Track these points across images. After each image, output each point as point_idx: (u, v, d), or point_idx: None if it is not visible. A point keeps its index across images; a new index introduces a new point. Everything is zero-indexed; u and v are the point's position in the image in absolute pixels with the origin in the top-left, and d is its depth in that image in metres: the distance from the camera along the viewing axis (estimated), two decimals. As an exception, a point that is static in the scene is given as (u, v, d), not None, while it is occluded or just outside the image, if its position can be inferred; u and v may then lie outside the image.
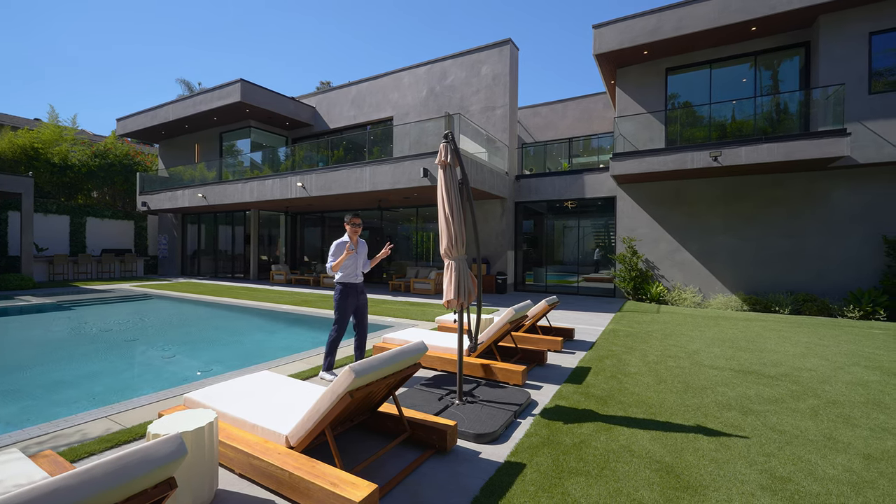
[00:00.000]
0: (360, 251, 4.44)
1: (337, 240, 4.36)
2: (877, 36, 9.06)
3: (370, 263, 4.55)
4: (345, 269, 4.31)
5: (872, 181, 9.24)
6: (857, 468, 2.69)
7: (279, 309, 9.47)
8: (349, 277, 4.35)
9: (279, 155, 17.51)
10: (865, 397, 4.00)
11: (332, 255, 4.27)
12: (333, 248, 4.29)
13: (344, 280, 4.34)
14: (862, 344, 6.30)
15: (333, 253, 4.28)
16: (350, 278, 4.36)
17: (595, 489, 2.42)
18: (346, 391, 2.22)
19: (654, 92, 11.72)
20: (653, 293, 10.83)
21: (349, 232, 4.40)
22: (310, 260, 18.65)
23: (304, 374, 4.47)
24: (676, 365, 5.01)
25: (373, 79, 16.00)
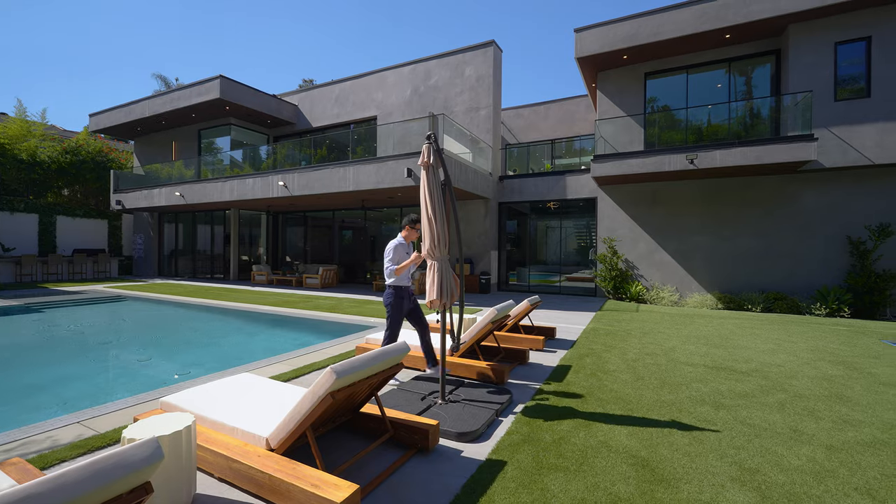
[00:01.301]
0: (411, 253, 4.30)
1: (393, 242, 4.19)
2: (842, 46, 9.49)
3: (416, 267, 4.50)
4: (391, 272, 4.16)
5: (837, 184, 9.66)
6: (820, 458, 2.83)
7: (260, 310, 9.33)
8: (403, 281, 4.19)
9: (260, 153, 17.22)
10: (829, 391, 4.19)
11: (392, 259, 4.10)
12: (392, 251, 4.12)
13: (398, 283, 4.16)
14: (827, 340, 6.59)
15: (393, 258, 4.11)
16: (404, 281, 4.20)
17: (573, 484, 2.48)
18: (328, 392, 2.22)
19: (633, 95, 11.98)
20: (632, 292, 11.07)
21: (407, 234, 4.26)
22: (292, 260, 18.39)
23: (286, 376, 4.42)
24: (654, 362, 5.15)
25: (356, 77, 15.88)
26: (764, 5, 9.60)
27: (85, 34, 77.41)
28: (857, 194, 9.51)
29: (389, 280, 4.15)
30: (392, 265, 4.10)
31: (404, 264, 4.07)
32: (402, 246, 4.20)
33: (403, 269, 4.08)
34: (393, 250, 4.11)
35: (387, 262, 4.13)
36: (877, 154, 9.04)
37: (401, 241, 4.22)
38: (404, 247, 4.21)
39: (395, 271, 4.07)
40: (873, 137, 9.06)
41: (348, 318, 8.14)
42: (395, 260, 4.12)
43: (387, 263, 4.13)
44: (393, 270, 4.09)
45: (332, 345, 5.90)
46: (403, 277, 4.19)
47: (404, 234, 4.27)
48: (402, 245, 4.19)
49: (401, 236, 4.26)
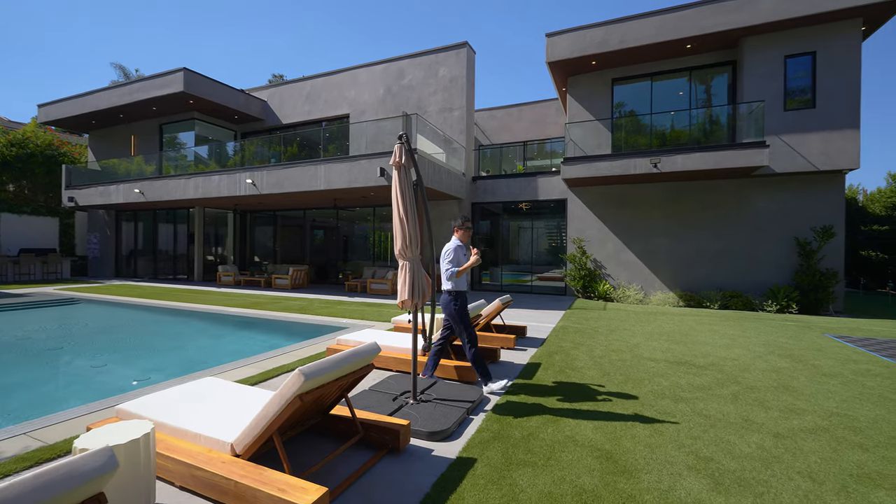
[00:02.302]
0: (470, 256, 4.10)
1: (449, 244, 4.07)
2: (790, 59, 10.13)
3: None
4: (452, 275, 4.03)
5: (786, 188, 10.32)
6: (768, 445, 3.02)
7: (227, 312, 9.02)
8: (461, 285, 4.07)
9: (227, 150, 16.63)
10: (777, 382, 4.48)
11: (452, 261, 3.98)
12: (451, 254, 3.98)
13: (459, 288, 4.05)
14: (777, 335, 7.03)
15: (453, 259, 3.98)
16: (463, 286, 4.08)
17: (541, 478, 2.55)
18: (296, 394, 2.19)
19: (601, 100, 12.36)
20: (600, 291, 11.43)
21: (461, 236, 4.12)
22: (261, 260, 17.88)
23: (254, 380, 4.31)
24: (619, 358, 5.34)
25: (328, 74, 15.62)
26: (717, 19, 10.13)
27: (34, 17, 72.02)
28: (804, 198, 10.18)
29: (448, 285, 4.03)
30: (453, 267, 3.96)
31: (465, 266, 3.96)
32: (461, 248, 4.08)
33: (465, 270, 3.98)
34: (452, 252, 4.00)
35: (445, 265, 3.99)
36: (821, 161, 9.72)
37: (458, 244, 4.10)
38: (462, 248, 4.09)
39: (457, 273, 3.96)
40: (818, 146, 9.73)
41: (319, 320, 8.00)
42: (455, 262, 3.98)
43: (445, 266, 3.98)
44: (454, 273, 3.96)
45: (302, 347, 5.78)
46: (463, 282, 4.09)
47: (458, 236, 4.15)
48: (460, 247, 4.07)
49: (455, 238, 4.15)
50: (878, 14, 9.42)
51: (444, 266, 4.00)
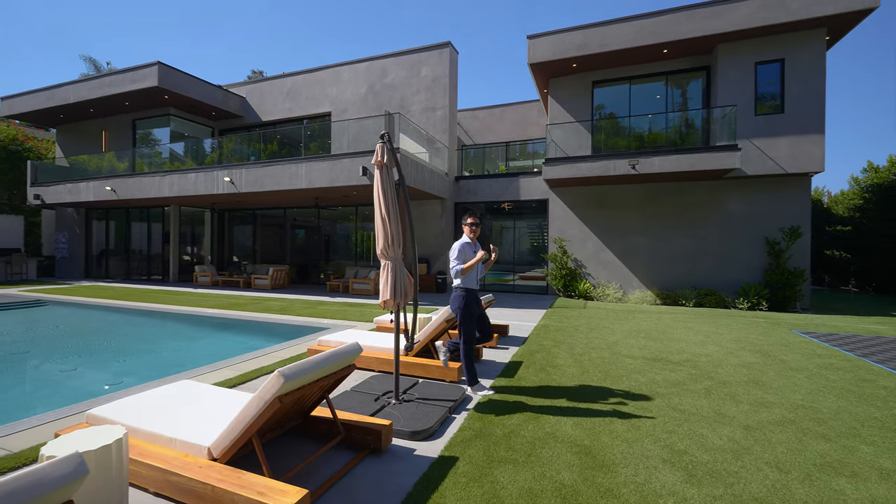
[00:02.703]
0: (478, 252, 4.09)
1: (457, 242, 4.06)
2: (761, 66, 10.52)
3: (484, 269, 4.36)
4: (468, 273, 4.03)
5: (757, 190, 10.71)
6: (739, 438, 3.14)
7: (203, 313, 8.80)
8: (471, 283, 4.06)
9: (204, 147, 16.20)
10: (748, 377, 4.65)
11: (457, 258, 3.99)
12: (457, 251, 4.00)
13: (466, 286, 4.03)
14: (748, 331, 7.30)
15: (458, 257, 3.99)
16: (472, 284, 4.07)
17: (522, 475, 2.58)
18: (275, 396, 2.16)
19: (582, 102, 12.56)
20: (580, 290, 11.63)
21: (468, 233, 4.11)
22: (240, 260, 17.50)
23: (232, 382, 4.22)
24: (598, 356, 5.45)
25: (309, 71, 15.40)
26: (693, 25, 10.44)
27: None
28: (773, 200, 10.59)
29: (457, 281, 4.04)
30: (458, 264, 3.98)
31: (470, 263, 3.95)
32: (469, 245, 4.07)
33: (470, 268, 3.96)
34: (458, 249, 4.00)
35: (452, 263, 4.02)
36: (790, 164, 10.12)
37: (467, 241, 4.09)
38: (471, 246, 4.08)
39: (462, 271, 3.96)
40: (786, 149, 10.13)
41: (300, 320, 7.89)
42: (462, 259, 3.99)
43: (452, 263, 4.02)
44: (459, 270, 3.97)
45: (283, 348, 5.70)
46: (471, 279, 4.07)
47: (466, 233, 4.15)
48: (468, 244, 4.07)
49: (465, 236, 4.14)
50: (841, 24, 9.87)
51: (451, 264, 4.03)
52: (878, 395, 4.13)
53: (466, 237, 4.12)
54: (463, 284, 4.04)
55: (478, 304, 4.15)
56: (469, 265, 3.95)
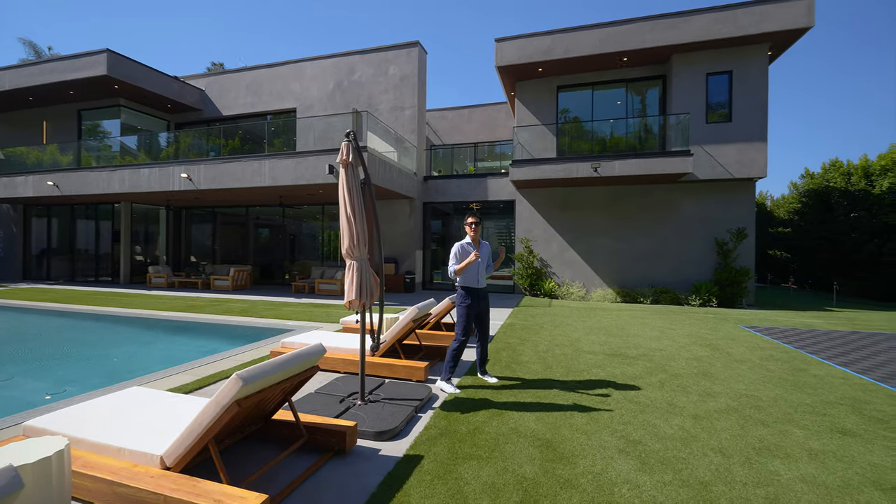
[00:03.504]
0: (482, 253, 4.20)
1: (458, 242, 4.22)
2: (711, 77, 11.18)
3: (493, 267, 4.38)
4: (465, 272, 4.14)
5: (708, 193, 11.38)
6: (688, 426, 3.34)
7: (158, 316, 8.36)
8: (470, 281, 4.17)
9: (159, 140, 15.38)
10: (698, 369, 4.95)
11: (454, 257, 4.16)
12: (456, 250, 4.18)
13: (466, 284, 4.17)
14: (699, 326, 7.75)
15: (456, 255, 4.16)
16: (471, 282, 4.18)
17: (485, 470, 2.64)
18: (233, 400, 2.10)
19: (547, 106, 12.89)
20: (546, 289, 11.93)
21: (469, 233, 4.22)
22: (198, 260, 16.73)
23: (188, 387, 4.05)
24: (561, 353, 5.63)
25: (273, 66, 14.93)
26: (653, 35, 10.96)
27: (-86, -20, 60.28)
28: (722, 203, 11.28)
29: (457, 281, 4.22)
30: (454, 264, 4.17)
31: (463, 264, 4.08)
32: (469, 245, 4.23)
33: (463, 269, 4.09)
34: (453, 250, 4.21)
35: (450, 262, 4.20)
36: (736, 170, 10.82)
37: (467, 241, 4.25)
38: (470, 246, 4.24)
39: (456, 271, 4.13)
40: (734, 156, 10.83)
41: (263, 322, 7.66)
42: (459, 260, 4.17)
43: (450, 263, 4.21)
44: (454, 271, 4.15)
45: (244, 351, 5.51)
46: (471, 278, 4.18)
47: (470, 235, 4.27)
48: (468, 244, 4.23)
49: (467, 237, 4.29)
50: (781, 40, 10.65)
51: (449, 262, 4.24)
52: (809, 382, 4.51)
53: (468, 237, 4.29)
54: (462, 283, 4.20)
55: (479, 302, 4.25)
56: (462, 266, 4.09)
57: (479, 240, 4.29)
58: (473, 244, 4.25)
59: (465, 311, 4.17)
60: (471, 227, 4.24)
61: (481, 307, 4.28)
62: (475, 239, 4.26)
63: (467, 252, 4.21)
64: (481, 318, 4.33)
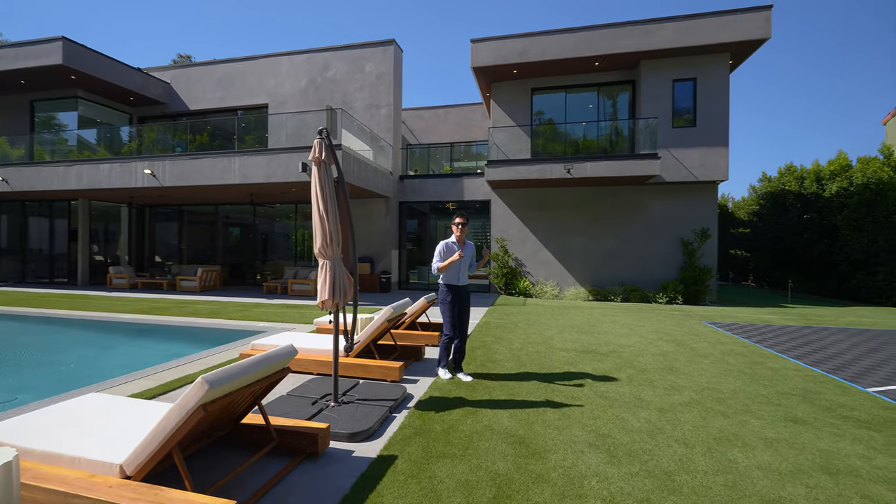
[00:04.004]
0: (466, 253, 4.38)
1: (443, 240, 4.41)
2: (678, 83, 11.64)
3: (476, 266, 4.57)
4: (448, 270, 4.35)
5: (674, 195, 11.83)
6: (654, 419, 3.47)
7: (119, 319, 7.97)
8: (452, 279, 4.39)
9: (121, 135, 14.66)
10: (664, 364, 5.14)
11: (438, 255, 4.35)
12: (441, 248, 4.37)
13: (448, 282, 4.39)
14: (665, 323, 8.05)
15: (440, 253, 4.36)
16: (453, 280, 4.39)
17: (459, 468, 2.66)
18: (198, 405, 2.03)
19: (522, 107, 13.07)
20: (521, 288, 12.11)
21: (455, 232, 4.42)
22: (163, 260, 16.05)
23: (151, 393, 3.88)
24: (535, 350, 5.73)
25: (245, 60, 14.50)
26: (623, 42, 11.31)
27: None
28: (687, 205, 11.76)
29: (440, 278, 4.42)
30: (438, 261, 4.35)
31: (446, 262, 4.28)
32: (454, 245, 4.41)
33: (446, 267, 4.29)
34: (440, 249, 4.39)
35: (434, 260, 4.39)
36: (700, 173, 11.30)
37: (452, 240, 4.43)
38: (455, 245, 4.41)
39: (439, 268, 4.31)
40: (698, 159, 11.30)
41: (233, 324, 7.43)
42: (443, 258, 4.36)
43: (434, 261, 4.38)
44: (437, 268, 4.33)
45: (212, 354, 5.33)
46: (453, 276, 4.40)
47: (456, 235, 4.45)
48: (451, 244, 4.41)
49: (452, 236, 4.48)
50: (741, 50, 11.20)
51: (433, 260, 4.41)
52: (766, 375, 4.77)
53: (453, 236, 4.47)
54: (444, 280, 4.42)
55: (460, 300, 4.43)
56: (445, 264, 4.28)
57: (464, 239, 4.47)
58: (458, 243, 4.42)
59: (449, 308, 4.37)
60: (457, 227, 4.41)
61: (462, 304, 4.45)
62: (460, 238, 4.44)
63: (452, 251, 4.39)
64: (461, 315, 4.45)
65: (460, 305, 4.43)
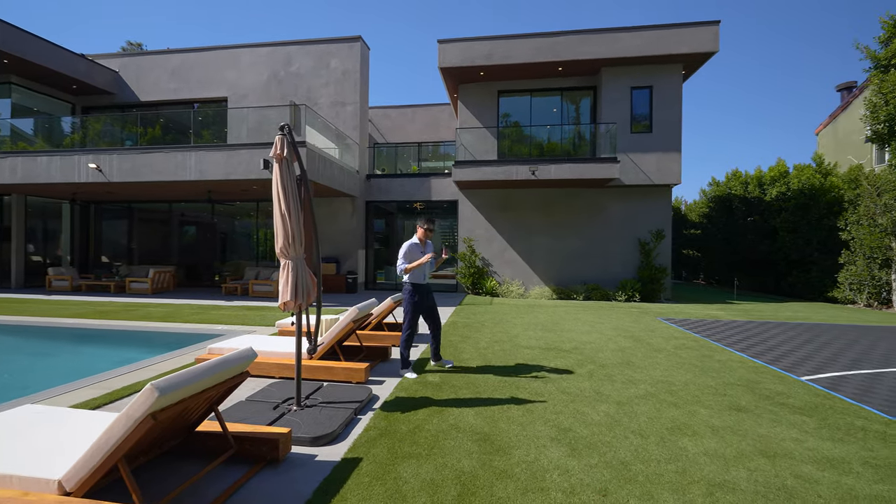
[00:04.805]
0: (428, 250, 4.54)
1: (407, 241, 4.52)
2: (635, 90, 12.17)
3: (434, 265, 4.62)
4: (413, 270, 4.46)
5: (632, 198, 12.38)
6: (612, 412, 3.62)
7: (59, 324, 7.39)
8: (418, 278, 4.52)
9: (62, 125, 13.59)
10: (622, 359, 5.37)
11: (404, 257, 4.42)
12: (405, 249, 4.45)
13: (414, 281, 4.51)
14: (624, 320, 8.41)
15: (405, 255, 4.43)
16: (419, 279, 4.53)
17: (424, 468, 2.66)
18: (147, 413, 1.92)
19: (489, 109, 13.24)
20: (487, 287, 12.27)
21: (419, 235, 4.58)
22: (111, 261, 15.02)
23: (96, 402, 3.63)
24: (500, 348, 5.82)
25: (202, 50, 13.82)
26: (584, 48, 11.70)
27: None
28: (643, 207, 12.33)
29: (405, 277, 4.51)
30: (404, 263, 4.43)
31: (415, 264, 4.40)
32: (416, 246, 4.55)
33: (413, 268, 4.41)
34: (404, 249, 4.47)
35: (399, 261, 4.45)
36: (656, 176, 11.88)
37: (415, 242, 4.56)
38: (418, 247, 4.56)
39: (405, 270, 4.41)
40: (654, 164, 11.88)
41: (189, 327, 7.07)
42: (407, 258, 4.45)
43: (399, 262, 4.44)
44: (403, 269, 4.42)
45: (165, 359, 5.06)
46: (419, 276, 4.53)
47: (419, 235, 4.61)
48: (416, 245, 4.54)
49: (416, 237, 4.61)
50: (692, 62, 11.88)
51: (399, 262, 4.48)
52: (714, 367, 5.08)
53: (416, 238, 4.62)
54: (411, 280, 4.53)
55: (426, 297, 4.60)
56: (413, 265, 4.41)
57: (425, 240, 4.67)
58: (421, 244, 4.62)
59: (413, 307, 4.54)
60: (424, 230, 4.62)
61: (430, 301, 4.65)
62: (423, 240, 4.63)
63: (415, 251, 4.54)
64: (432, 311, 4.68)
65: (428, 303, 4.61)
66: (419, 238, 4.62)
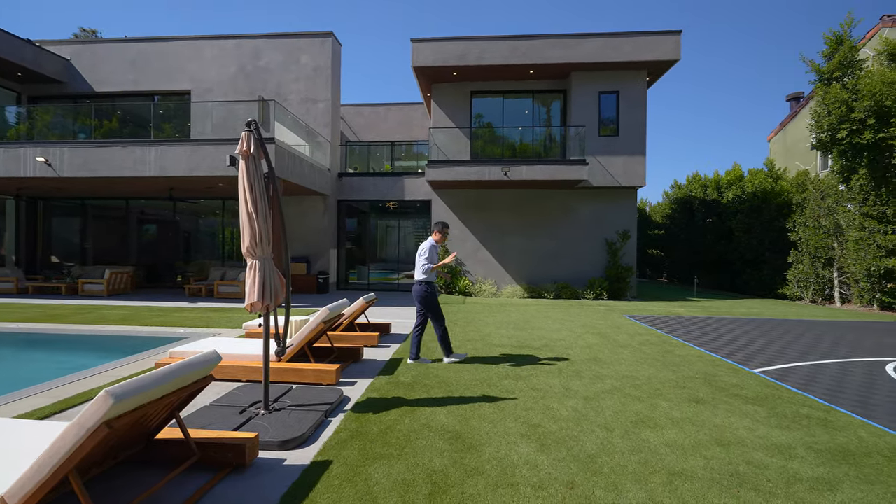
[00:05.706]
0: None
1: (427, 243, 4.95)
2: (603, 95, 12.56)
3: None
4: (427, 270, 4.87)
5: (600, 199, 12.77)
6: (580, 407, 3.73)
7: (2, 328, 6.87)
8: (431, 277, 4.95)
9: (7, 116, 12.64)
10: (590, 355, 5.54)
11: (427, 258, 4.86)
12: (428, 251, 4.88)
13: (429, 279, 4.93)
14: (592, 318, 8.66)
15: (429, 257, 4.87)
16: (432, 277, 4.96)
17: (395, 468, 2.66)
18: (101, 422, 1.82)
19: (462, 110, 13.32)
20: (461, 287, 12.34)
21: (437, 238, 5.02)
22: (62, 261, 14.10)
23: (46, 411, 3.41)
24: (473, 347, 5.88)
25: (164, 40, 13.20)
26: (556, 52, 11.97)
27: None
28: (611, 208, 12.75)
29: (422, 277, 4.88)
30: (428, 263, 4.86)
31: (440, 263, 4.91)
32: (435, 247, 4.98)
33: (438, 268, 4.90)
34: (428, 250, 4.89)
35: (422, 261, 4.87)
36: (623, 179, 12.30)
37: (433, 243, 4.97)
38: (436, 248, 5.00)
39: (432, 269, 4.85)
40: (621, 166, 12.29)
41: (148, 331, 6.74)
42: (431, 259, 4.88)
43: (422, 262, 4.87)
44: (429, 268, 4.85)
45: (122, 364, 4.81)
46: (433, 274, 4.97)
47: (435, 238, 5.03)
48: (434, 246, 4.97)
49: (431, 238, 5.02)
50: (656, 69, 12.37)
51: (420, 262, 4.89)
52: (674, 361, 5.32)
53: (433, 240, 5.01)
54: (427, 279, 4.91)
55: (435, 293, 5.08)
56: (438, 266, 4.88)
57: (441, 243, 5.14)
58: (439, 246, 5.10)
59: (437, 302, 4.98)
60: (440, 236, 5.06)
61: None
62: (440, 241, 5.09)
63: (435, 253, 4.98)
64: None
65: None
66: (436, 240, 5.03)
